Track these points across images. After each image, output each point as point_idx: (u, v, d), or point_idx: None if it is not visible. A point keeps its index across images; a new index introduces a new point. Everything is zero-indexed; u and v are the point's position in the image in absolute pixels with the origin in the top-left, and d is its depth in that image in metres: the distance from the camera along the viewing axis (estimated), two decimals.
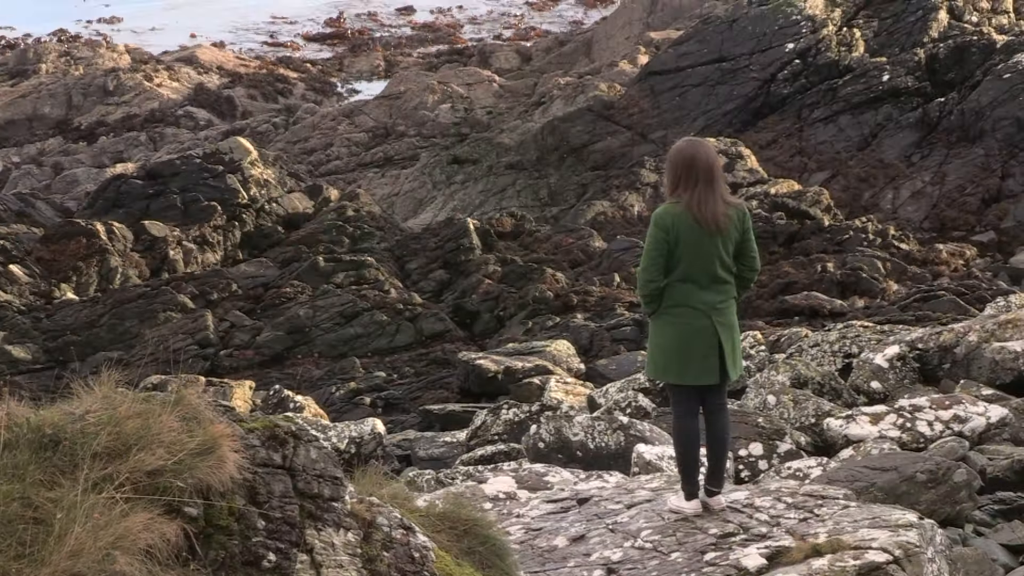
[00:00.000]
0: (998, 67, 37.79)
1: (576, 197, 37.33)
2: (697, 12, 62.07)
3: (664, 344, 8.62)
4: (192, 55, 63.72)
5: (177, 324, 26.59)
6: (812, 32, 41.06)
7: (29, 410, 5.43)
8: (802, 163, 37.34)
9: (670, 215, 8.48)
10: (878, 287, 26.19)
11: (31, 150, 52.55)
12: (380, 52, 69.11)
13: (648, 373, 9.29)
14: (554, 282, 28.02)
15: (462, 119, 52.62)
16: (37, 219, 32.72)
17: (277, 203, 34.01)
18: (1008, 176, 35.14)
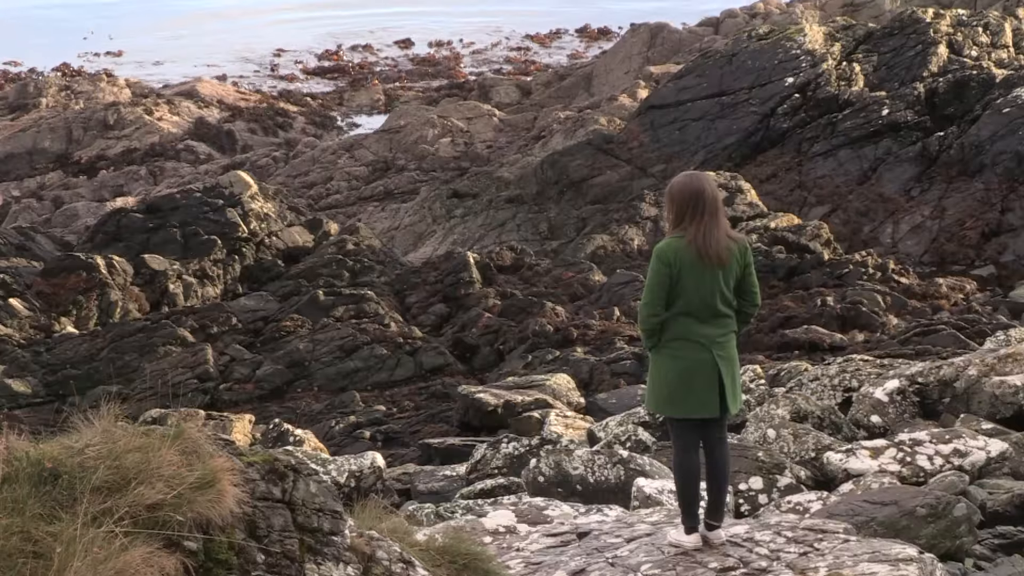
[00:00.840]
0: (997, 101, 37.86)
1: (576, 231, 37.36)
2: (697, 46, 62.24)
3: (665, 378, 8.62)
4: (193, 89, 63.85)
5: (177, 358, 26.58)
6: (812, 66, 41.15)
7: (29, 444, 5.43)
8: (802, 197, 37.38)
9: (672, 249, 8.50)
10: (878, 321, 26.18)
11: (31, 184, 52.61)
12: (380, 86, 69.26)
13: (648, 407, 9.29)
14: (554, 316, 28.02)
15: (462, 153, 52.69)
16: (37, 253, 32.72)
17: (277, 237, 34.03)
18: (1008, 210, 35.17)
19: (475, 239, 38.24)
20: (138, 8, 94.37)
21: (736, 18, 70.11)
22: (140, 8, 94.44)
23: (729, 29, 66.27)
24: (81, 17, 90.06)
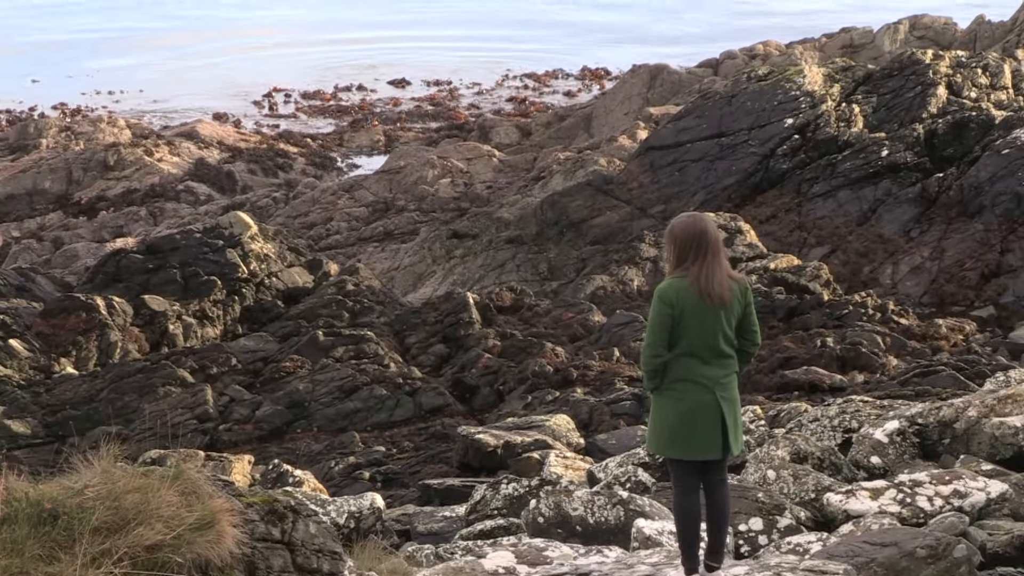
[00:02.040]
0: (997, 143, 37.92)
1: (575, 271, 37.37)
2: (696, 87, 62.40)
3: (667, 419, 8.62)
4: (193, 130, 63.98)
5: (176, 398, 26.56)
6: (811, 107, 41.23)
7: (28, 485, 5.42)
8: (801, 238, 37.42)
9: (674, 289, 8.50)
10: (878, 362, 26.18)
11: (31, 225, 52.67)
12: (380, 127, 69.40)
13: (649, 448, 9.28)
14: (554, 356, 28.00)
15: (462, 193, 52.76)
16: (37, 294, 32.73)
17: (277, 277, 34.04)
18: (1007, 251, 35.19)
19: (475, 280, 38.25)
20: (131, 44, 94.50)
21: (735, 59, 70.32)
22: (133, 44, 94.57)
23: (728, 70, 66.47)
24: (75, 53, 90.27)
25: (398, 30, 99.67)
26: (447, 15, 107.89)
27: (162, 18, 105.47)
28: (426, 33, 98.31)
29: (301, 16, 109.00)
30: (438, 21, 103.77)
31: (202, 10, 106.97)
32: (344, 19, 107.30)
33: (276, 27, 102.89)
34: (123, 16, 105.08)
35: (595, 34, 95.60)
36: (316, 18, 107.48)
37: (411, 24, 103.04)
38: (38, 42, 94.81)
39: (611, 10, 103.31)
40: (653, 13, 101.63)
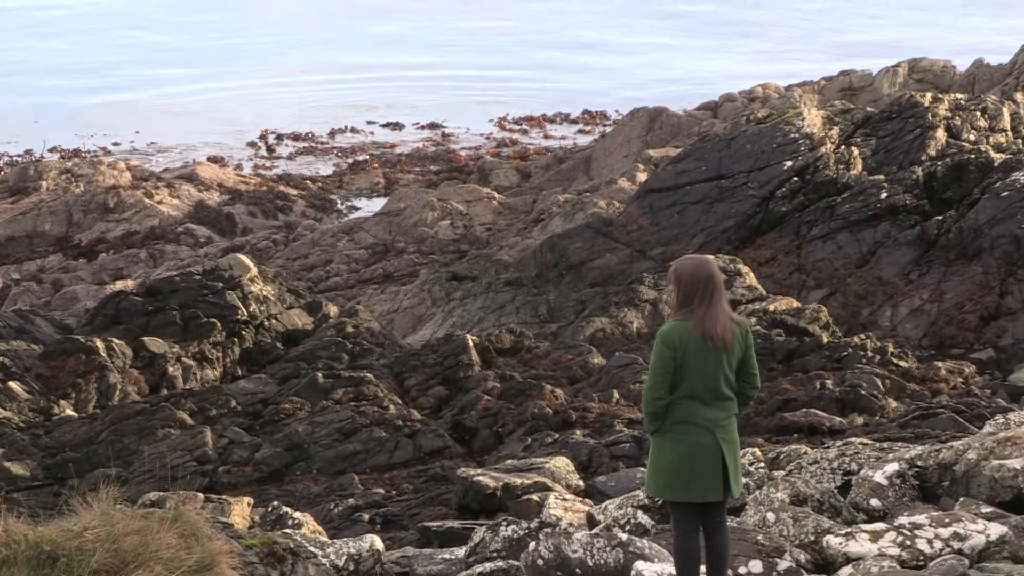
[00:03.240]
0: (996, 185, 37.98)
1: (575, 313, 37.38)
2: (695, 130, 62.56)
3: (667, 462, 8.65)
4: (193, 172, 64.11)
5: (176, 441, 26.53)
6: (810, 150, 41.31)
7: (27, 527, 5.42)
8: (801, 280, 37.44)
9: (677, 332, 8.55)
10: (877, 404, 26.17)
11: (31, 267, 52.72)
12: (379, 169, 69.52)
13: (649, 490, 9.30)
14: (553, 398, 27.99)
15: (461, 236, 52.84)
16: (36, 336, 32.73)
17: (276, 319, 34.04)
18: (1007, 294, 35.21)
19: (474, 321, 38.26)
20: (121, 83, 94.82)
21: (735, 102, 70.54)
22: (123, 83, 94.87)
23: (728, 113, 66.67)
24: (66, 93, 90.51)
25: (387, 70, 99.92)
26: (433, 49, 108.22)
27: (146, 55, 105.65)
28: (416, 72, 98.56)
29: (280, 48, 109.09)
30: (424, 61, 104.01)
31: (182, 53, 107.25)
32: (326, 52, 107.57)
33: (256, 61, 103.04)
34: (107, 53, 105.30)
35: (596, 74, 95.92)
36: (296, 52, 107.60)
37: (398, 59, 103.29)
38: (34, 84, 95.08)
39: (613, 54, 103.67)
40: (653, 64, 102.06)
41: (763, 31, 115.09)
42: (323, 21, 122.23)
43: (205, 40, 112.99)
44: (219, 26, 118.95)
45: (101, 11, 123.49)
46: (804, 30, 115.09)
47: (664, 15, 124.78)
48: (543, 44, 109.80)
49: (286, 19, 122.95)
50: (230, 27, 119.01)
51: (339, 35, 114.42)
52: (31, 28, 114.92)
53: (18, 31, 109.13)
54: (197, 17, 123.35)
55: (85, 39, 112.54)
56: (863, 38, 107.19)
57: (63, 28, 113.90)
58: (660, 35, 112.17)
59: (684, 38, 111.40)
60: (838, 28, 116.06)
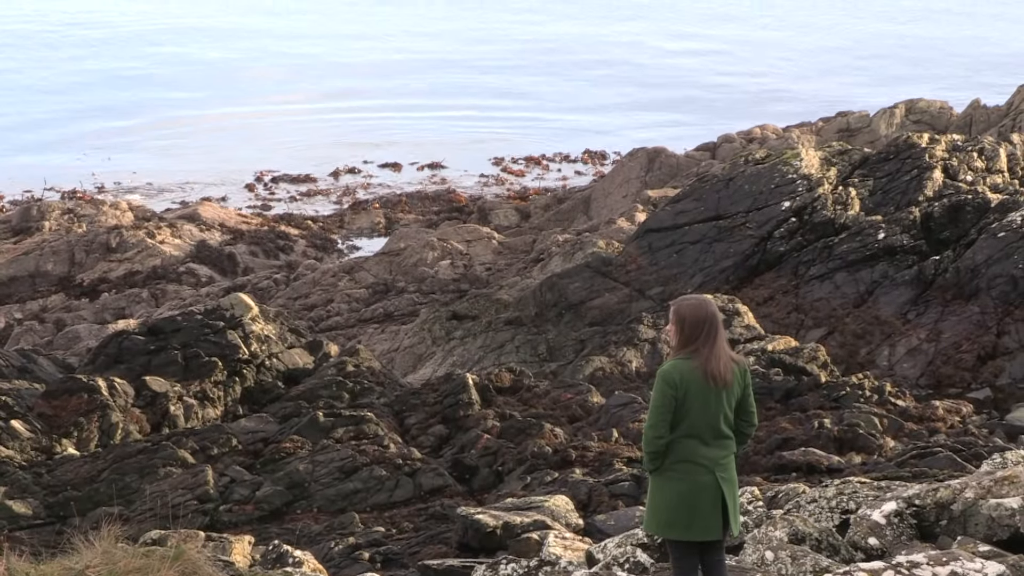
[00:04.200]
0: (992, 225, 38.12)
1: (574, 353, 37.48)
2: (694, 170, 62.76)
3: (668, 501, 8.73)
4: (195, 212, 64.27)
5: (177, 479, 26.60)
6: (808, 190, 41.47)
7: (30, 565, 5.52)
8: (799, 320, 37.56)
9: (678, 371, 8.65)
10: (875, 443, 26.26)
11: (33, 307, 52.82)
12: (380, 209, 69.68)
13: (649, 529, 9.40)
14: (552, 437, 28.07)
15: (461, 275, 52.96)
16: (39, 375, 32.83)
17: (277, 358, 34.15)
18: (1004, 333, 35.34)
19: (474, 361, 38.36)
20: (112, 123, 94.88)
21: (733, 143, 70.74)
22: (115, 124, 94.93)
23: (726, 153, 66.85)
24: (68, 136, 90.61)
25: (381, 99, 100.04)
26: (431, 86, 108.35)
27: (136, 95, 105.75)
28: (411, 103, 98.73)
29: (271, 85, 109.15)
30: (422, 91, 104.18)
31: (173, 91, 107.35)
32: (320, 87, 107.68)
33: (248, 100, 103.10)
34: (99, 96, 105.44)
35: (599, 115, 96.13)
36: (288, 88, 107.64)
37: (394, 94, 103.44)
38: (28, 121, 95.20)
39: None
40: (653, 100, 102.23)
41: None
42: (320, 55, 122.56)
43: (200, 72, 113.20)
44: (209, 60, 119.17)
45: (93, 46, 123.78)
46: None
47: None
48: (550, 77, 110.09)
49: (282, 54, 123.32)
50: (222, 62, 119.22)
51: (334, 70, 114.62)
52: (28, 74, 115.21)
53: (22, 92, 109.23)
54: (188, 48, 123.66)
55: (79, 70, 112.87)
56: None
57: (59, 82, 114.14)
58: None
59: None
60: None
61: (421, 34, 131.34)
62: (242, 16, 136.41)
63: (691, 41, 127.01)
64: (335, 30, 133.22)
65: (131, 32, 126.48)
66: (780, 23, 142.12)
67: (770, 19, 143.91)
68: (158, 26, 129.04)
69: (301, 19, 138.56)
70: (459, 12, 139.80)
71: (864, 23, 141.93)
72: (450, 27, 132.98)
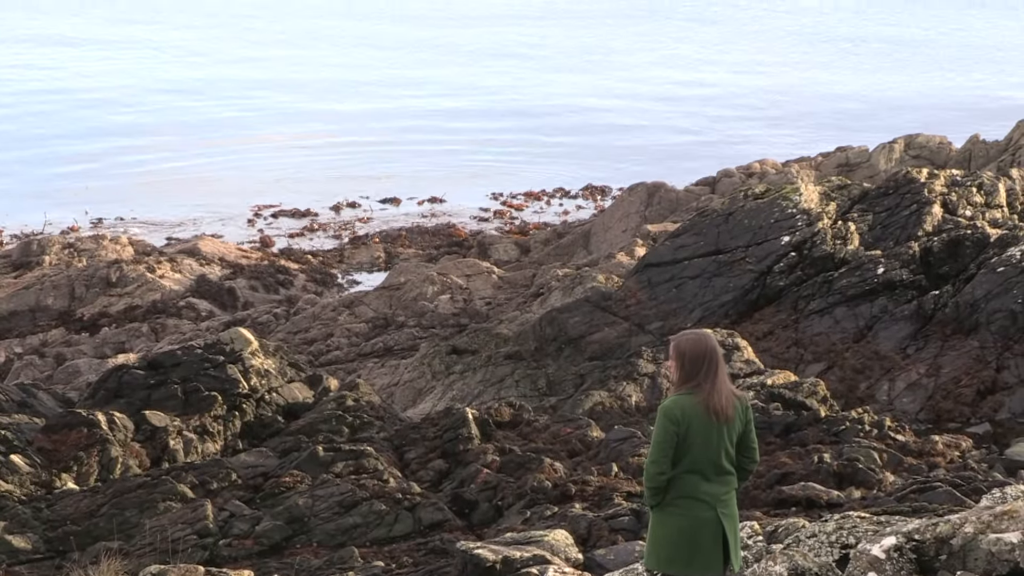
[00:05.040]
0: (992, 260, 38.18)
1: (574, 387, 37.51)
2: (694, 205, 62.85)
3: (668, 536, 8.75)
4: (194, 247, 64.35)
5: (177, 514, 26.59)
6: (807, 225, 41.54)
7: None
8: (798, 354, 37.59)
9: (679, 406, 8.67)
10: (875, 478, 26.27)
11: (34, 341, 52.86)
12: (380, 244, 69.78)
13: (649, 565, 9.41)
14: (552, 472, 28.07)
15: (461, 310, 53.01)
16: (39, 409, 32.84)
17: (277, 393, 34.16)
18: (1003, 368, 35.36)
19: (474, 395, 38.38)
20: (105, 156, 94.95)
21: (732, 177, 70.86)
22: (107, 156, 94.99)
23: (726, 188, 66.97)
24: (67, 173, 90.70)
25: (381, 134, 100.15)
26: (431, 116, 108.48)
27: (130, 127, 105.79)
28: (411, 137, 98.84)
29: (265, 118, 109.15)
30: (424, 126, 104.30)
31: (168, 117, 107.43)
32: (317, 117, 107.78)
33: (241, 130, 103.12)
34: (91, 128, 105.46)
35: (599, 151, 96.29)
36: (283, 121, 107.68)
37: (394, 128, 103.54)
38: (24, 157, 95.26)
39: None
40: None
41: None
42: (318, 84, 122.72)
43: (195, 107, 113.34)
44: (201, 96, 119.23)
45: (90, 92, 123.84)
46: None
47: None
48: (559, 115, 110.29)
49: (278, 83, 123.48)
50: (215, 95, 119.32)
51: (331, 103, 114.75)
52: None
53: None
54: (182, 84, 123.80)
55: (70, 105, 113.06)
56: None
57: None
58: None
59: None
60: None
61: (425, 67, 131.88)
62: (229, 67, 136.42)
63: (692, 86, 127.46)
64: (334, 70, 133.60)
65: (126, 84, 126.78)
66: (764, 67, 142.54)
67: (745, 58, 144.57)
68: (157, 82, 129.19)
69: (288, 62, 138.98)
70: (450, 60, 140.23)
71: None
72: (455, 70, 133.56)
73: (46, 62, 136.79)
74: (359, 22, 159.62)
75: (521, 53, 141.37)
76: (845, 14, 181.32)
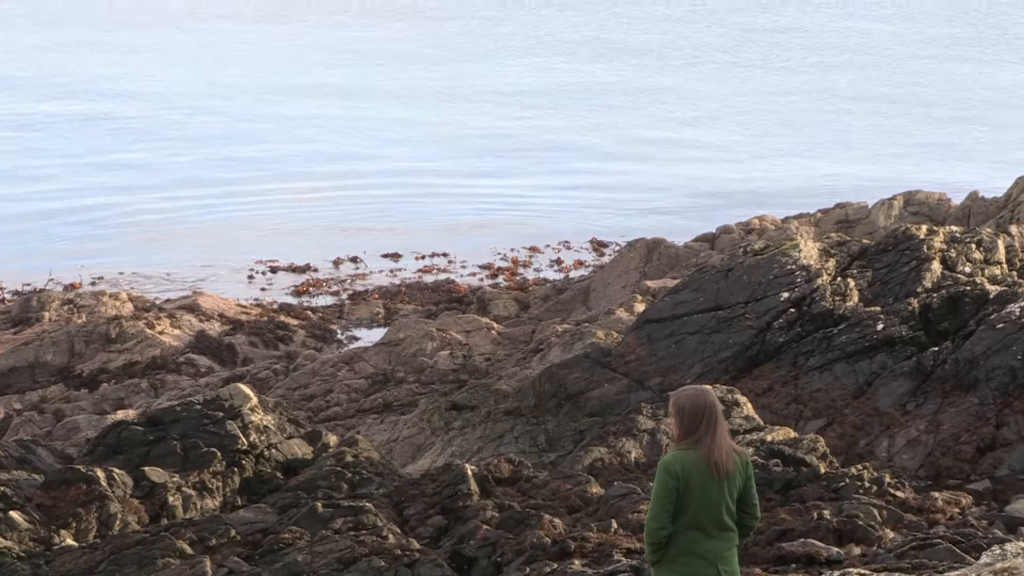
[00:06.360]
0: (991, 317, 38.22)
1: (573, 443, 37.49)
2: (693, 261, 62.90)
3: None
4: (194, 303, 64.32)
5: (175, 570, 26.57)
6: (807, 282, 41.59)
7: None
8: (798, 410, 37.58)
9: (680, 462, 8.70)
10: (875, 535, 26.26)
11: (33, 397, 52.80)
12: (379, 300, 69.82)
13: None
14: (552, 528, 28.06)
15: (460, 366, 52.97)
16: (38, 465, 32.85)
17: (276, 449, 34.16)
18: (1003, 425, 35.38)
19: (473, 451, 38.34)
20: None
21: (732, 234, 70.95)
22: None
23: (725, 244, 67.01)
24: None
25: (382, 187, 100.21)
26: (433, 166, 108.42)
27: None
28: (412, 190, 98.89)
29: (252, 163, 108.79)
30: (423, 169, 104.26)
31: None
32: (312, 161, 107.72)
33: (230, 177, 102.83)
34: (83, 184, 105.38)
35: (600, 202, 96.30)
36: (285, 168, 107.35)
37: (394, 182, 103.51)
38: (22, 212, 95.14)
39: None
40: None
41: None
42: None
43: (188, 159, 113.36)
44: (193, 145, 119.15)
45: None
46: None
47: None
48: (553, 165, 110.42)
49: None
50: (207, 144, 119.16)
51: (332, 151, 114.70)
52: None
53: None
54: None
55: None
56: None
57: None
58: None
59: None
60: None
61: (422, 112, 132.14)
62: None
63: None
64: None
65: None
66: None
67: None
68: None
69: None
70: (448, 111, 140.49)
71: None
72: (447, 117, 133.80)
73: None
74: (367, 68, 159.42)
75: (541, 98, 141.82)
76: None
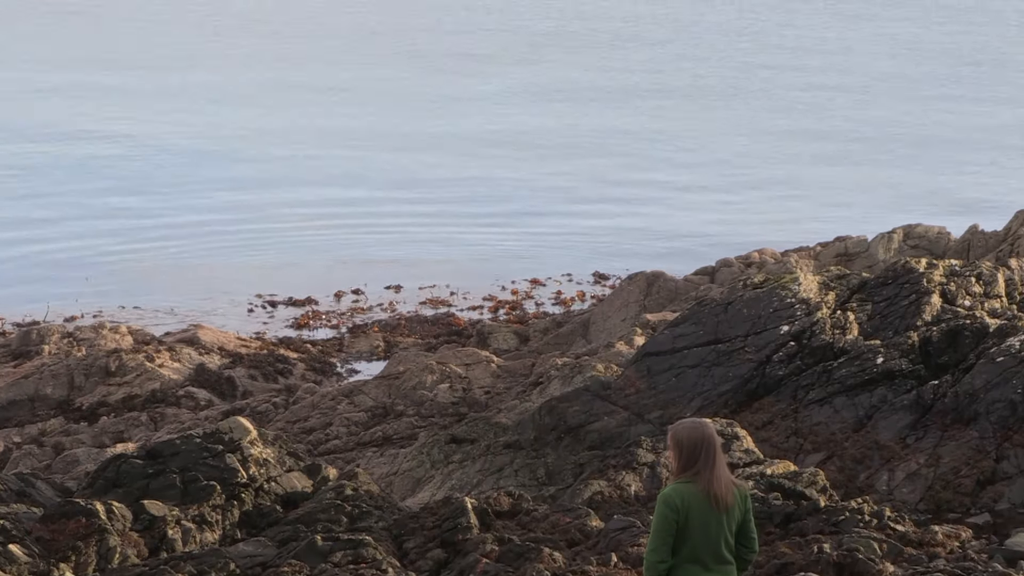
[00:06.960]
0: (991, 350, 38.21)
1: (573, 476, 37.47)
2: (693, 295, 62.93)
3: None
4: (194, 336, 64.34)
5: None
6: (806, 315, 41.60)
7: None
8: (797, 444, 37.55)
9: (679, 494, 8.72)
10: (875, 568, 26.25)
11: (32, 430, 52.78)
12: (379, 333, 69.85)
13: None
14: (551, 561, 28.03)
15: (460, 399, 52.97)
16: (37, 499, 32.81)
17: (276, 482, 34.13)
18: (1003, 458, 35.35)
19: (473, 484, 38.31)
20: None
21: (731, 267, 71.00)
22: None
23: (725, 278, 67.04)
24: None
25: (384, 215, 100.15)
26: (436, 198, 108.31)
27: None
28: (413, 221, 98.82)
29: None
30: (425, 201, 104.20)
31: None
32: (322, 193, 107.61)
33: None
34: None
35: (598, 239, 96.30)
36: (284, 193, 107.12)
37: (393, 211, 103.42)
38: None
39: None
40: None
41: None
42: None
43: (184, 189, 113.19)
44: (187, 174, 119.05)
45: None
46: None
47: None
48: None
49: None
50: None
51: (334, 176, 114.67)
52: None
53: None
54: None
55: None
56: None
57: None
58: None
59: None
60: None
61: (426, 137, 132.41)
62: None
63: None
64: None
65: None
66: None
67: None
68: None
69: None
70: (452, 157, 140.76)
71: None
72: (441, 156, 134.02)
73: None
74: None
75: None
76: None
